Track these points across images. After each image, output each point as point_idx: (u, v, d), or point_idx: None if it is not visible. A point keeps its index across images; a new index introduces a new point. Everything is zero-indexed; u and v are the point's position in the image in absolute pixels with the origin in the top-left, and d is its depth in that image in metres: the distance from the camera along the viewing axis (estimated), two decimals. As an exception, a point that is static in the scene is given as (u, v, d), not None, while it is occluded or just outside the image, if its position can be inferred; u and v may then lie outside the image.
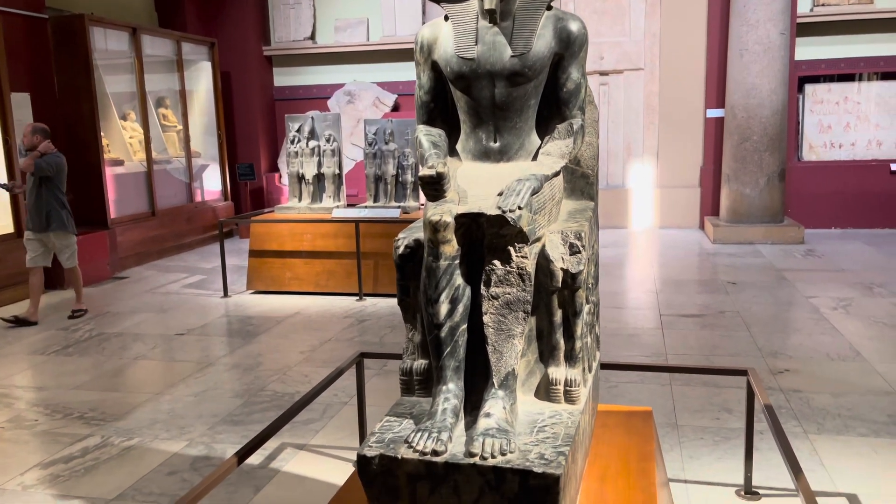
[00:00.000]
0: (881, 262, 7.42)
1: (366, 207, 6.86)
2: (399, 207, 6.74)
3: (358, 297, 6.53)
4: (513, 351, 1.83)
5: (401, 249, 1.99)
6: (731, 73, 8.88)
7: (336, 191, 6.99)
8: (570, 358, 1.98)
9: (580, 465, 1.94)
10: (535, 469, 1.62)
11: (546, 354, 1.99)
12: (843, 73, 9.45)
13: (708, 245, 8.70)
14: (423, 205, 7.08)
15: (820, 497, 2.90)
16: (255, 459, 3.31)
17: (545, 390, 1.97)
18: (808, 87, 9.57)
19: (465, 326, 1.85)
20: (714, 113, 9.64)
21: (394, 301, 6.30)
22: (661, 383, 4.16)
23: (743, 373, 2.85)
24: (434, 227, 1.79)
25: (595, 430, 2.33)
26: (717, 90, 9.55)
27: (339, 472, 3.26)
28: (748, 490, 2.91)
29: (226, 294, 6.81)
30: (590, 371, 2.14)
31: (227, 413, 3.99)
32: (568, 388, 1.95)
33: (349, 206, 7.12)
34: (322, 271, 6.79)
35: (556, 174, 2.01)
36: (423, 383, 2.00)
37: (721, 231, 8.81)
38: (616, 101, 10.01)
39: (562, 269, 1.91)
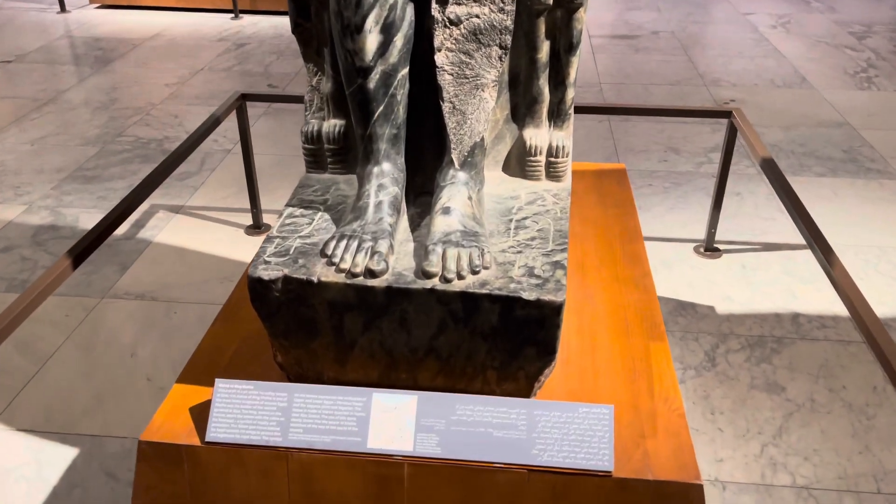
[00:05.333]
0: (814, -27, 6.84)
1: None
2: None
3: (233, 15, 5.43)
4: (481, 109, 1.18)
5: (291, -63, 1.19)
6: None
7: None
8: (557, 115, 1.36)
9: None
10: (526, 295, 1.07)
11: (522, 110, 1.35)
12: None
13: (631, -48, 7.77)
14: None
15: (785, 250, 2.62)
16: (118, 228, 2.63)
17: (518, 162, 1.37)
18: None
19: (405, 71, 1.17)
20: None
21: (279, 20, 5.27)
22: (597, 120, 3.64)
23: (727, 115, 2.33)
24: None
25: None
26: None
27: (224, 239, 2.66)
28: (709, 247, 2.56)
29: (63, 8, 5.53)
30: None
31: (77, 166, 3.20)
32: (552, 160, 1.35)
33: None
34: (184, -20, 5.52)
35: None
36: (338, 154, 1.34)
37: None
38: None
39: (556, -27, 1.20)
